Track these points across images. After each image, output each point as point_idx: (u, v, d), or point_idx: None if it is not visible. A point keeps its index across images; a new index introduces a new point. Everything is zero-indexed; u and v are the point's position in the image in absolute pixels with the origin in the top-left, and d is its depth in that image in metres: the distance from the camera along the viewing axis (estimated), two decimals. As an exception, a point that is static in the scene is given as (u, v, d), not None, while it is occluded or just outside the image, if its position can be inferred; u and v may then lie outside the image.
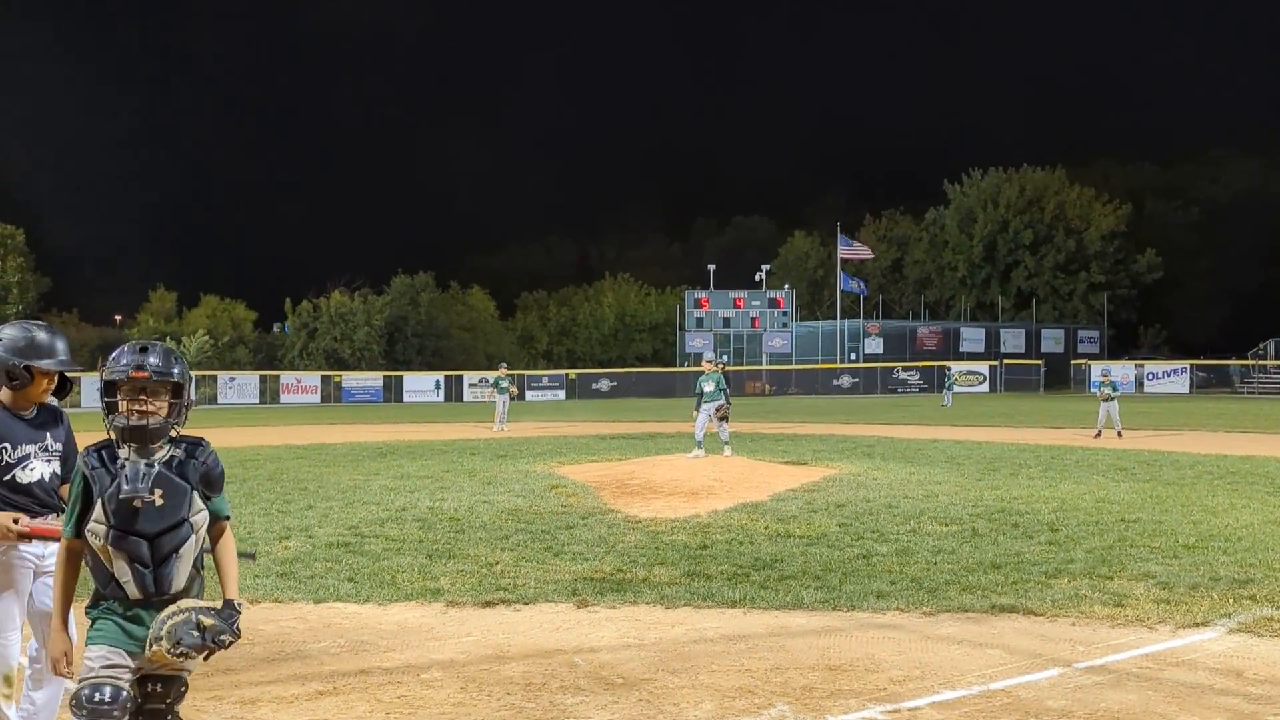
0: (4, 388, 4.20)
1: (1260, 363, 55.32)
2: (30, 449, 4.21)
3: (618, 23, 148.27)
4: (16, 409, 4.22)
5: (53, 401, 4.36)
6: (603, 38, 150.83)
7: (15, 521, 4.04)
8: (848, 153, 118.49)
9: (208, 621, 3.17)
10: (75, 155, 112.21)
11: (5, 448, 4.15)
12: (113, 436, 3.31)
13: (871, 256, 68.61)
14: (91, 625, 3.26)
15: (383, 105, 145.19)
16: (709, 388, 17.57)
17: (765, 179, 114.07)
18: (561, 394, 57.37)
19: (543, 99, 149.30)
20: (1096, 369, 44.78)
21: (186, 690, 3.34)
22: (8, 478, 4.15)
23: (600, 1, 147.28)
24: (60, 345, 4.27)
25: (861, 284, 68.16)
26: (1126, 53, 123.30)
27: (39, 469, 4.22)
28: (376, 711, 4.96)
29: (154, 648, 3.14)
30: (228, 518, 3.50)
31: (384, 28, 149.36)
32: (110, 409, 3.30)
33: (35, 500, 4.21)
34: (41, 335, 4.25)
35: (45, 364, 4.19)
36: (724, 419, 17.41)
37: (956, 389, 53.80)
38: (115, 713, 3.11)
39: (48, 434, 4.28)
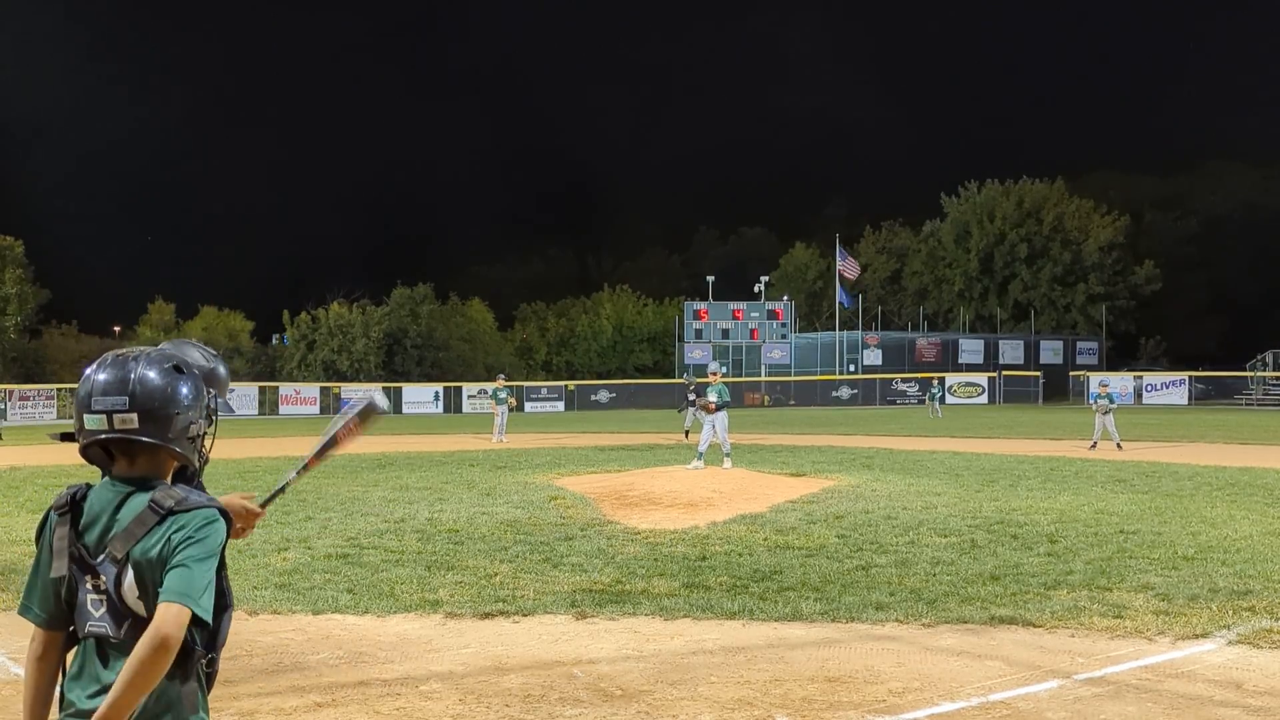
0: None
1: (1259, 374, 55.30)
2: None
3: (615, 32, 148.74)
4: None
5: None
6: (600, 47, 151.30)
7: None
8: (848, 164, 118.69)
9: None
10: (74, 166, 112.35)
11: None
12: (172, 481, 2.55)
13: (854, 277, 68.29)
14: None
15: (379, 117, 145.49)
16: (712, 398, 17.77)
17: (766, 191, 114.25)
18: (560, 405, 57.33)
19: (540, 109, 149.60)
20: (1095, 380, 44.81)
21: None
22: None
23: (598, 11, 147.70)
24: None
25: (849, 297, 67.96)
26: (1125, 64, 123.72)
27: None
28: (375, 723, 4.96)
29: None
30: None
31: (381, 40, 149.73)
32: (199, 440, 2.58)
33: None
34: (224, 368, 3.58)
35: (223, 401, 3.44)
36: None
37: (950, 399, 53.80)
38: None
39: None
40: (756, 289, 69.13)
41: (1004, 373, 62.27)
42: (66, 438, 2.49)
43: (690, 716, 5.02)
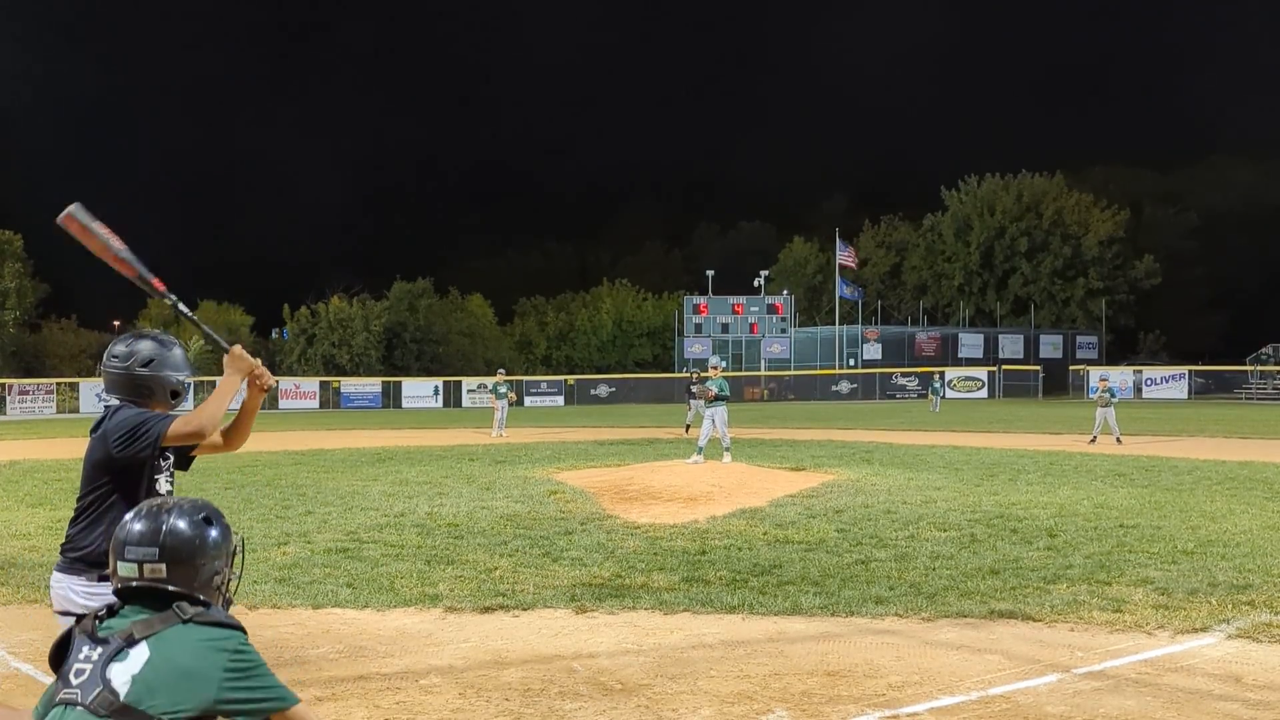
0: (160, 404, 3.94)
1: (1259, 368, 55.33)
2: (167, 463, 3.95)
3: (618, 27, 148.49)
4: None
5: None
6: (600, 43, 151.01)
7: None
8: (848, 158, 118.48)
9: None
10: (73, 161, 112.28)
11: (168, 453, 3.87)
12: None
13: (853, 264, 68.25)
14: None
15: (379, 111, 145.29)
16: (713, 390, 17.78)
17: (765, 185, 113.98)
18: (560, 400, 57.35)
19: (540, 104, 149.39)
20: (1095, 375, 44.80)
21: None
22: (153, 483, 3.84)
23: (600, 5, 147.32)
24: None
25: (858, 290, 68.15)
26: (1125, 58, 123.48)
27: (164, 483, 3.96)
28: (375, 717, 4.96)
29: None
30: None
31: (380, 34, 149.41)
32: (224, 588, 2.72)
33: None
34: (179, 350, 4.06)
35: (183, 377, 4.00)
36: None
37: (950, 394, 53.82)
38: None
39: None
40: (756, 283, 69.15)
41: (1003, 367, 62.29)
42: (104, 579, 2.77)
43: (690, 710, 5.02)
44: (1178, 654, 5.98)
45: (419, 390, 56.02)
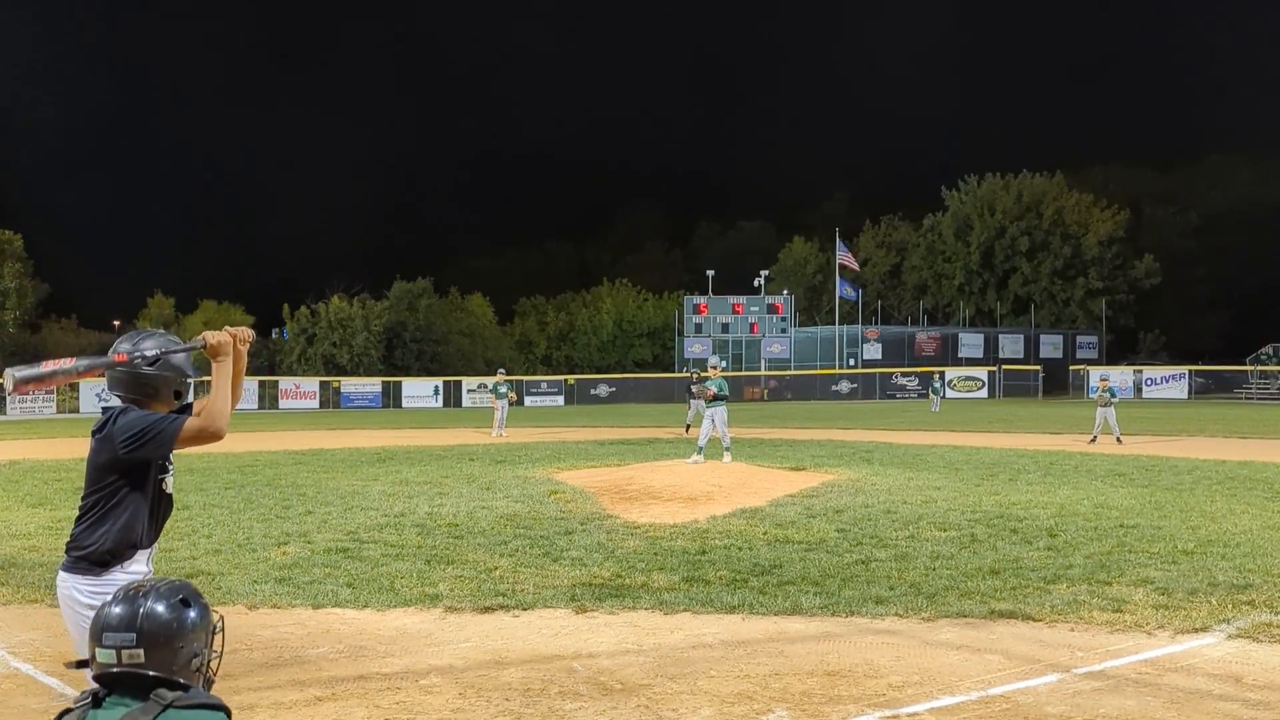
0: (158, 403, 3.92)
1: (1259, 368, 55.33)
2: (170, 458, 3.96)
3: (617, 26, 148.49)
4: None
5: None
6: (601, 43, 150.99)
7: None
8: (848, 158, 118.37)
9: None
10: (74, 161, 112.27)
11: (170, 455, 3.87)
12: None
13: (853, 265, 68.20)
14: None
15: (377, 110, 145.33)
16: (712, 390, 17.80)
17: (765, 185, 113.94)
18: (560, 399, 57.34)
19: (541, 103, 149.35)
20: (1095, 375, 44.78)
21: None
22: (159, 482, 3.87)
23: (600, 4, 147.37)
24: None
25: (858, 289, 68.14)
26: (1125, 58, 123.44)
27: (170, 483, 3.98)
28: (375, 717, 4.97)
29: None
30: None
31: (377, 34, 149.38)
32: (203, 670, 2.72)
33: (168, 510, 3.99)
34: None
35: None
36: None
37: (950, 393, 53.82)
38: None
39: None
40: (756, 283, 69.13)
41: (1004, 367, 62.27)
42: (81, 664, 2.65)
43: (690, 710, 5.02)
44: (1178, 654, 5.98)
45: (419, 390, 56.00)
